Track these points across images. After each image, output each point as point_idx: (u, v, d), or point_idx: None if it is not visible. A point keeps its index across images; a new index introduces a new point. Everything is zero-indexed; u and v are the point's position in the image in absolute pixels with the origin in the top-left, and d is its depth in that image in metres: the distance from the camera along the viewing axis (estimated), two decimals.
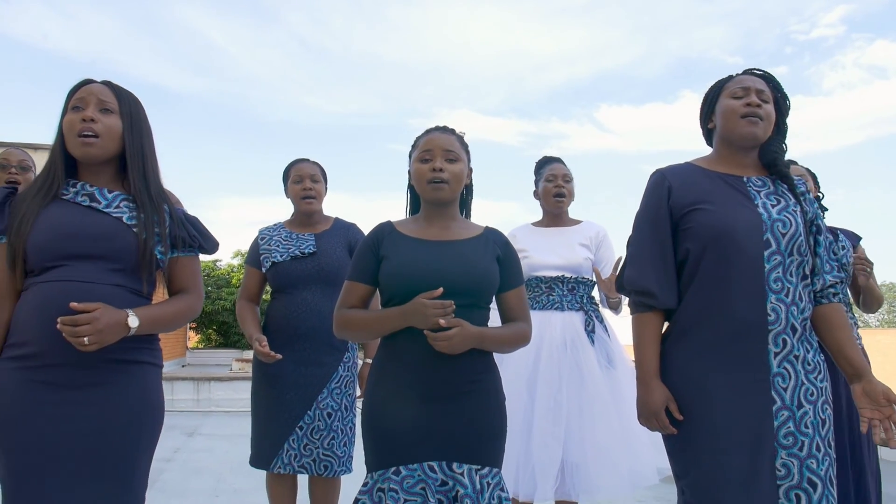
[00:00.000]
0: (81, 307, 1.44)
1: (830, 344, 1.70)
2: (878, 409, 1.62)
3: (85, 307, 1.45)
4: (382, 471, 1.67)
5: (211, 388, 8.12)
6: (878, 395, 1.62)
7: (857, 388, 1.66)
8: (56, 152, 1.63)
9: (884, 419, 1.62)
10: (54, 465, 1.48)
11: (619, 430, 2.38)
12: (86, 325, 1.43)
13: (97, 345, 1.45)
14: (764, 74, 1.77)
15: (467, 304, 1.67)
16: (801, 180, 1.78)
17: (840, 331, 1.70)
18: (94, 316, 1.44)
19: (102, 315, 1.45)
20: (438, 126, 1.85)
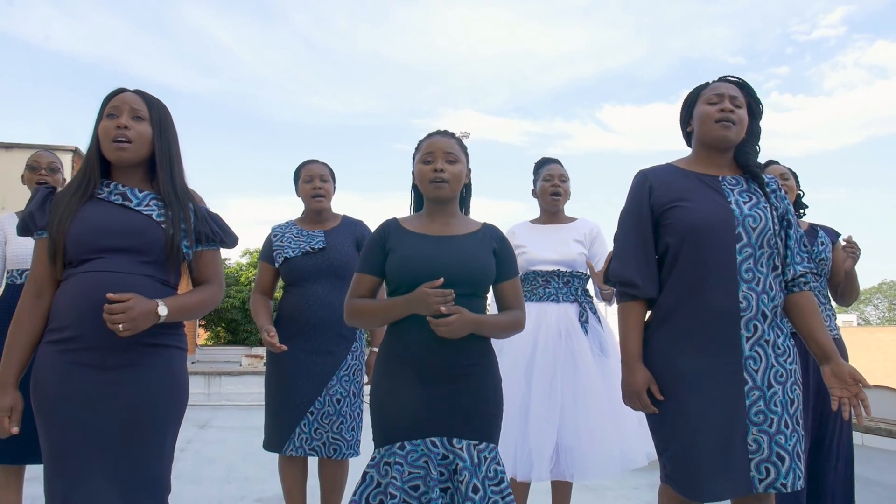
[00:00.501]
0: (116, 297, 1.60)
1: (802, 329, 1.85)
2: (846, 388, 1.76)
3: (120, 297, 1.61)
4: (389, 446, 1.83)
5: (221, 382, 8.31)
6: (845, 375, 1.76)
7: (827, 370, 1.80)
8: (92, 155, 1.79)
9: (852, 397, 1.76)
10: (90, 439, 1.64)
11: (611, 415, 2.52)
12: (121, 313, 1.59)
13: (131, 331, 1.61)
14: (738, 81, 1.92)
15: (466, 293, 1.83)
16: (772, 178, 1.92)
17: (811, 317, 1.84)
18: (128, 305, 1.60)
19: (136, 304, 1.61)
20: (439, 130, 2.00)
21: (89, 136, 1.81)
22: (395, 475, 1.79)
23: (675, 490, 1.81)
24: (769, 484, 1.73)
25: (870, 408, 1.80)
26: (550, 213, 2.82)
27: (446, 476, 1.81)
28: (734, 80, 1.92)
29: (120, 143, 1.74)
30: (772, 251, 1.80)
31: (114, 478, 1.64)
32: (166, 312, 1.68)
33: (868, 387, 1.79)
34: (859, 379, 1.76)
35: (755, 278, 1.77)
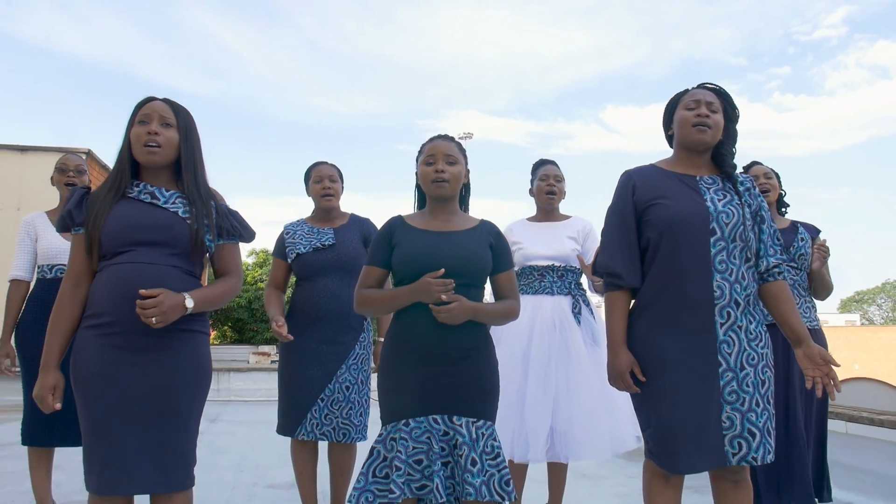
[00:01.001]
0: (148, 293, 1.78)
1: (776, 315, 2.02)
2: (817, 368, 1.92)
3: (151, 293, 1.78)
4: (395, 423, 2.00)
5: (230, 378, 8.51)
6: (816, 356, 1.93)
7: (799, 352, 1.96)
8: (123, 158, 1.97)
9: (823, 376, 1.92)
10: (124, 414, 1.82)
11: (602, 401, 2.69)
12: (153, 308, 1.77)
13: (162, 323, 1.79)
14: (715, 88, 2.08)
15: (464, 283, 2.00)
16: (747, 177, 2.09)
17: (784, 304, 2.01)
18: (159, 300, 1.78)
19: (165, 299, 1.79)
20: (440, 134, 2.18)
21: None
22: (401, 449, 1.96)
23: (657, 464, 1.98)
24: (742, 457, 1.90)
25: (839, 385, 1.97)
26: (546, 211, 2.99)
27: (447, 451, 1.98)
28: (711, 87, 2.08)
29: (150, 147, 1.92)
30: (744, 244, 1.97)
31: (146, 450, 1.82)
32: (193, 304, 1.86)
33: (837, 366, 1.95)
34: (829, 359, 1.92)
35: (728, 269, 1.93)
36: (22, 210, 9.29)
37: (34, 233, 2.97)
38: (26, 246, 2.97)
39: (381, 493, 1.96)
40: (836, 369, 1.94)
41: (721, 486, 2.01)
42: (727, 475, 1.98)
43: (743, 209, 1.98)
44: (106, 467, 1.80)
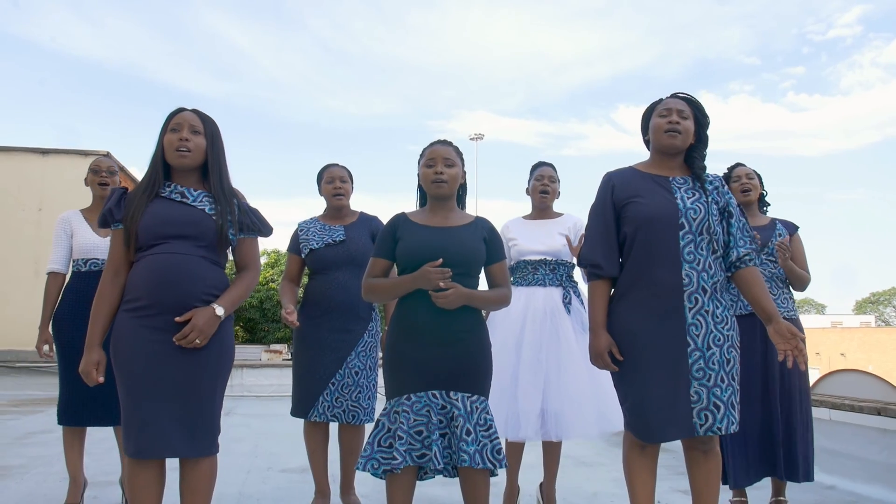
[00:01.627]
0: (181, 319, 2.04)
1: (748, 297, 2.23)
2: (787, 341, 2.13)
3: (183, 319, 2.05)
4: (398, 398, 2.24)
5: (243, 374, 8.77)
6: (784, 331, 2.14)
7: (771, 329, 2.18)
8: (157, 161, 2.21)
9: (793, 349, 2.13)
10: (158, 387, 2.05)
11: (590, 384, 2.90)
12: (190, 332, 2.03)
13: (205, 339, 2.07)
14: (686, 97, 2.30)
15: (460, 273, 2.23)
16: (716, 177, 2.30)
17: (755, 286, 2.22)
18: (193, 323, 2.04)
19: (198, 318, 2.05)
20: (440, 140, 2.41)
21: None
22: (403, 421, 2.19)
23: (634, 434, 2.20)
24: (708, 428, 2.11)
25: (807, 356, 2.17)
26: (540, 209, 3.22)
27: (445, 423, 2.21)
28: (683, 97, 2.30)
29: (181, 152, 2.17)
30: (710, 237, 2.18)
31: (176, 418, 2.06)
32: (223, 311, 2.13)
33: (803, 339, 2.15)
34: (796, 333, 2.13)
35: (696, 259, 2.15)
36: (43, 210, 9.61)
37: (70, 229, 3.22)
38: (62, 241, 3.22)
39: (386, 460, 2.19)
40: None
41: (693, 455, 2.22)
42: (697, 445, 2.20)
43: (709, 206, 2.20)
44: (141, 434, 2.04)
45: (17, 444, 4.95)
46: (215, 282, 2.16)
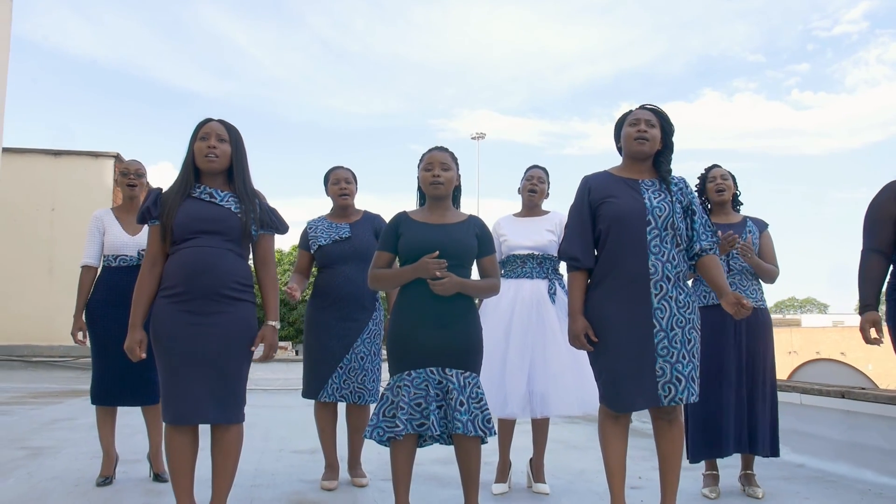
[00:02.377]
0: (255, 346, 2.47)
1: (707, 278, 2.55)
2: (734, 306, 2.44)
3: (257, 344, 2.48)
4: (399, 374, 2.54)
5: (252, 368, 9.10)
6: (731, 299, 2.45)
7: (723, 301, 2.49)
8: (188, 165, 2.52)
9: (738, 311, 2.43)
10: (192, 363, 2.36)
11: (572, 367, 3.20)
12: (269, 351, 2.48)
13: (275, 350, 2.49)
14: (653, 109, 2.61)
15: (455, 264, 2.54)
16: (680, 179, 2.61)
17: (713, 270, 2.54)
18: (269, 344, 2.50)
19: (267, 338, 2.51)
20: (437, 146, 2.72)
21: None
22: (404, 394, 2.50)
23: (606, 405, 2.51)
24: (671, 399, 2.42)
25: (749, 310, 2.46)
26: (528, 207, 3.53)
27: (441, 396, 2.52)
28: (650, 108, 2.61)
29: (210, 157, 2.47)
30: (674, 232, 2.49)
31: (209, 390, 2.37)
32: (276, 322, 2.54)
33: (747, 307, 2.45)
34: (740, 298, 2.44)
35: (661, 251, 2.46)
36: (56, 210, 9.92)
37: (102, 227, 3.53)
38: (95, 238, 3.53)
39: (389, 428, 2.50)
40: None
41: (659, 424, 2.53)
42: (662, 415, 2.50)
43: (673, 205, 2.50)
44: (179, 403, 2.35)
45: (44, 430, 5.26)
46: (240, 272, 2.47)
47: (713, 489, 3.35)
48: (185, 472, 2.41)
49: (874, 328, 2.65)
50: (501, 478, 3.42)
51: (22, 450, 4.35)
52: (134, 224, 3.54)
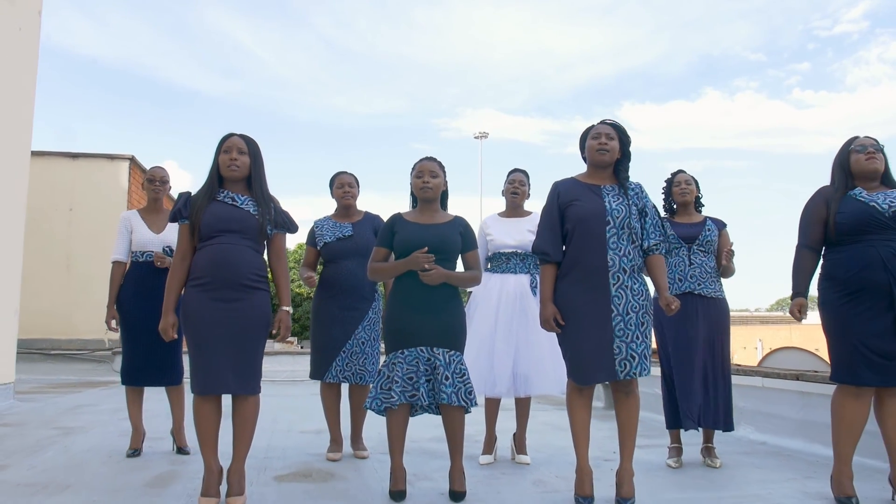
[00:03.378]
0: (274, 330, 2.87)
1: (651, 277, 2.95)
2: (665, 307, 2.86)
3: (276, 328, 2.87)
4: (394, 352, 2.95)
5: None
6: (663, 301, 2.87)
7: (660, 299, 2.90)
8: (213, 174, 2.93)
9: (668, 311, 2.86)
10: (216, 342, 2.76)
11: (551, 352, 3.59)
12: (284, 332, 2.86)
13: (288, 331, 2.87)
14: (612, 123, 3.01)
15: (441, 258, 2.94)
16: (636, 184, 3.01)
17: (656, 269, 2.94)
18: (284, 326, 2.88)
19: (283, 322, 2.88)
20: (427, 157, 3.13)
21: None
22: (398, 370, 2.91)
23: (572, 380, 2.91)
24: (627, 373, 2.82)
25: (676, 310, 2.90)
26: (512, 208, 3.93)
27: (429, 371, 2.93)
28: (610, 123, 3.02)
29: (232, 168, 2.89)
30: (630, 231, 2.89)
31: (230, 365, 2.78)
32: (289, 307, 2.93)
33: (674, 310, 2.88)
34: (670, 302, 2.87)
35: (618, 247, 2.86)
36: (74, 210, 10.36)
37: (129, 226, 3.95)
38: (124, 236, 3.95)
39: (385, 399, 2.91)
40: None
41: (617, 396, 2.93)
42: (620, 388, 2.91)
43: (630, 208, 2.91)
44: (204, 375, 2.77)
45: (71, 413, 5.70)
46: (257, 265, 2.88)
47: (677, 460, 3.76)
48: (210, 436, 2.83)
49: (800, 309, 3.06)
50: (488, 450, 3.83)
51: (55, 430, 4.78)
52: (158, 223, 3.96)
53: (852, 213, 2.98)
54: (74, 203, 10.16)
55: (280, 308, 2.91)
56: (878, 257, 2.90)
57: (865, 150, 3.06)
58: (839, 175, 3.12)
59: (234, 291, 2.80)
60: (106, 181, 10.32)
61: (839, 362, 2.98)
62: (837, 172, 3.13)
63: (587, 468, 2.93)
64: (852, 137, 3.17)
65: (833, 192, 3.09)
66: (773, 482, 3.38)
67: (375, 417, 3.12)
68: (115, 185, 10.35)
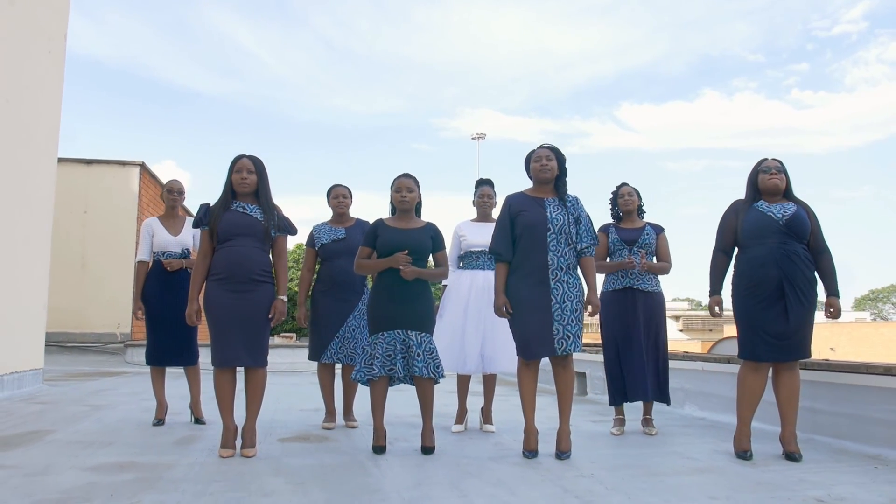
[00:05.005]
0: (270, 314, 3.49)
1: (584, 276, 3.62)
2: (590, 307, 3.54)
3: (271, 315, 3.50)
4: (375, 334, 3.64)
5: None
6: (588, 301, 3.55)
7: (586, 297, 3.57)
8: (228, 188, 3.60)
9: (592, 310, 3.54)
10: (231, 325, 3.44)
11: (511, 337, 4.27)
12: (278, 316, 3.48)
13: (282, 316, 3.51)
14: (550, 147, 3.69)
15: (415, 258, 3.62)
16: (574, 197, 3.68)
17: (586, 269, 3.63)
18: (278, 312, 3.49)
19: (278, 308, 3.51)
20: (404, 174, 3.81)
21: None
22: (378, 348, 3.59)
23: (521, 357, 3.59)
24: (563, 349, 3.49)
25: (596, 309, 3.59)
26: (482, 216, 4.61)
27: (404, 349, 3.60)
28: (548, 147, 3.69)
29: (243, 184, 3.56)
30: (567, 236, 3.57)
31: (243, 343, 3.45)
32: (284, 297, 3.58)
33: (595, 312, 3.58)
34: (593, 303, 3.56)
35: (557, 249, 3.54)
36: (88, 212, 11.04)
37: (151, 231, 4.63)
38: (146, 239, 4.62)
39: (368, 371, 3.60)
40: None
41: (556, 369, 3.61)
42: (558, 362, 3.58)
43: (567, 216, 3.59)
44: (222, 352, 3.45)
45: (95, 395, 6.38)
46: (264, 263, 3.55)
47: (620, 429, 4.44)
48: (227, 400, 3.51)
49: (717, 306, 3.73)
50: (459, 420, 4.51)
51: (85, 406, 5.47)
52: (175, 227, 4.64)
53: (753, 220, 3.66)
54: (88, 206, 10.85)
55: (277, 297, 3.56)
56: (773, 257, 3.57)
57: (770, 171, 3.73)
58: (749, 190, 3.80)
59: (245, 284, 3.48)
60: (118, 186, 11.01)
61: (743, 342, 3.66)
62: (748, 188, 3.81)
63: (533, 428, 3.61)
64: (761, 159, 3.83)
65: (742, 205, 3.77)
66: (693, 444, 4.06)
67: (364, 398, 3.80)
68: (126, 190, 11.04)
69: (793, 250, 3.58)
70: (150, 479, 2.94)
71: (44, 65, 6.65)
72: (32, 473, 3.03)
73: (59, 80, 6.99)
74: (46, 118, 6.78)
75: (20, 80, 6.16)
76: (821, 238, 3.69)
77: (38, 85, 6.58)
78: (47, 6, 6.70)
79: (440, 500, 2.69)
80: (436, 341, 3.94)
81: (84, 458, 3.37)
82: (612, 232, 4.53)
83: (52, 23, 6.82)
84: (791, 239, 3.60)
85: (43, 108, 6.69)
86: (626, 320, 4.40)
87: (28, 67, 6.31)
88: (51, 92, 6.89)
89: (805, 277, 3.57)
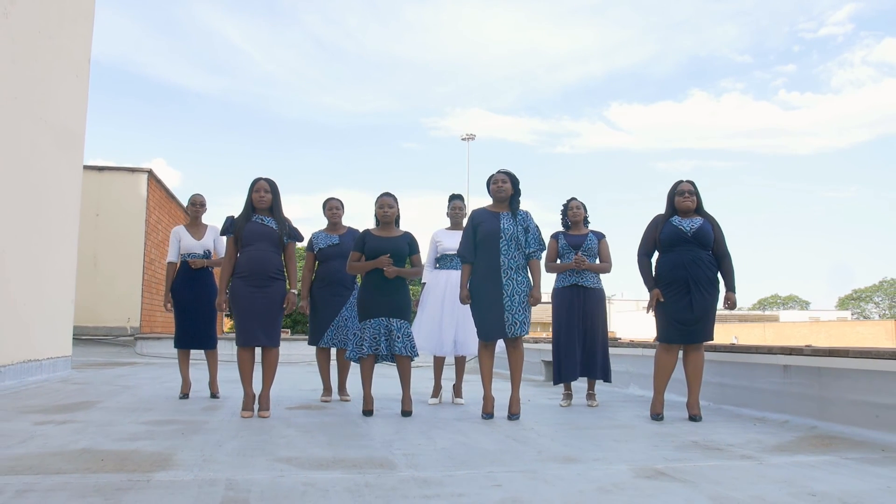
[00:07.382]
0: (285, 305, 4.40)
1: (530, 275, 4.56)
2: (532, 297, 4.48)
3: (284, 305, 4.41)
4: (365, 321, 4.57)
5: None
6: (531, 296, 4.48)
7: (531, 293, 4.51)
8: (248, 204, 4.52)
9: (533, 302, 4.48)
10: (252, 313, 4.35)
11: None
12: (290, 306, 4.38)
13: (293, 306, 4.43)
14: (505, 172, 4.63)
15: (396, 260, 4.55)
16: (525, 212, 4.62)
17: (534, 269, 4.56)
18: (290, 304, 4.40)
19: (290, 300, 4.42)
20: (385, 193, 4.74)
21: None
22: (367, 332, 4.53)
23: (480, 338, 4.53)
24: (514, 332, 4.42)
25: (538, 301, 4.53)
26: (454, 225, 5.54)
27: (387, 333, 4.53)
28: (504, 172, 4.63)
29: (261, 201, 4.48)
30: (517, 243, 4.50)
31: (261, 327, 4.37)
32: (295, 290, 4.48)
33: (538, 298, 4.53)
34: (536, 297, 4.48)
35: (508, 253, 4.47)
36: (100, 216, 11.88)
37: (178, 236, 5.54)
38: (174, 243, 5.53)
39: (359, 350, 4.53)
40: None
41: (509, 350, 4.53)
42: (511, 343, 4.51)
43: (517, 227, 4.52)
44: (244, 333, 4.37)
45: (118, 379, 7.27)
46: (278, 264, 4.47)
47: (567, 402, 5.39)
48: (248, 372, 4.44)
49: (659, 297, 4.66)
50: (435, 395, 5.45)
51: (114, 387, 6.36)
52: (198, 233, 5.55)
53: (668, 233, 4.61)
54: (100, 209, 11.70)
55: (289, 290, 4.47)
56: (681, 262, 4.53)
57: (683, 194, 4.67)
58: (667, 207, 4.74)
59: (263, 281, 4.39)
60: (127, 191, 11.87)
61: (659, 329, 4.61)
62: (667, 205, 4.75)
63: (490, 396, 4.55)
64: (678, 182, 4.77)
65: (661, 219, 4.72)
66: (622, 413, 5.01)
67: (355, 378, 4.70)
68: (134, 194, 11.90)
69: (698, 256, 4.53)
70: (192, 429, 3.85)
71: (73, 85, 7.54)
72: (102, 425, 3.94)
73: (84, 99, 7.88)
74: (75, 133, 7.68)
75: (56, 101, 7.06)
76: (723, 245, 4.65)
77: (68, 104, 7.47)
78: (76, 35, 7.60)
79: (412, 440, 3.62)
80: (419, 329, 4.88)
81: (135, 417, 4.28)
82: (561, 238, 5.46)
83: (79, 49, 7.71)
84: (697, 247, 4.55)
85: (73, 125, 7.58)
86: (571, 311, 5.34)
87: (62, 91, 7.21)
88: (78, 109, 7.78)
89: (707, 277, 4.53)
